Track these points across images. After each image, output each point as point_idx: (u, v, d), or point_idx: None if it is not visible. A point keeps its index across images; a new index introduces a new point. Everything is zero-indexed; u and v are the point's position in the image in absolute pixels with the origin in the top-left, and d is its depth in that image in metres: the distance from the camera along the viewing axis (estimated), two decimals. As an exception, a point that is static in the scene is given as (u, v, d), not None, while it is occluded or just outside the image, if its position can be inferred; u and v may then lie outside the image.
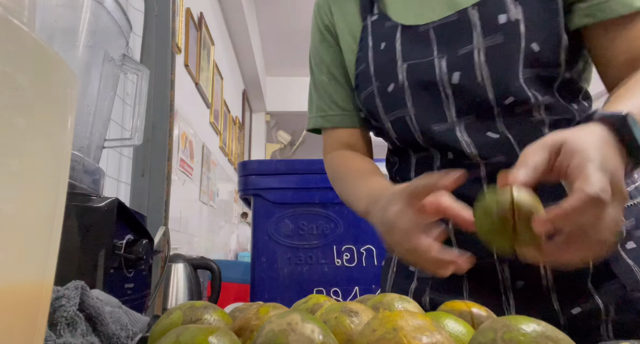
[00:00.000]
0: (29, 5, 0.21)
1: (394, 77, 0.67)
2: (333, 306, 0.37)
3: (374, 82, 0.69)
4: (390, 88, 0.68)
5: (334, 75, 0.79)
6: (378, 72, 0.69)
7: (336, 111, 0.80)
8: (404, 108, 0.67)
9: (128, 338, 0.39)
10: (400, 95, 0.67)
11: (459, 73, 0.63)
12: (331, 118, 0.80)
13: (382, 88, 0.69)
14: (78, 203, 0.63)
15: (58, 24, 0.75)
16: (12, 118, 0.18)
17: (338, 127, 0.80)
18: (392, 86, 0.67)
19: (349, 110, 0.79)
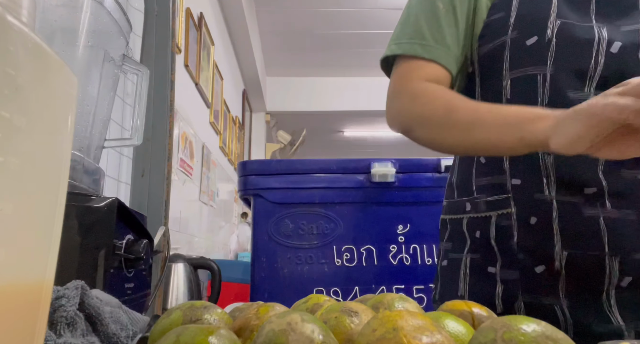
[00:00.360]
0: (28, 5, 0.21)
1: (540, 30, 0.61)
2: (333, 306, 0.37)
3: (510, 33, 0.63)
4: (530, 41, 0.62)
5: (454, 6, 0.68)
6: (520, 21, 0.63)
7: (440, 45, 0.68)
8: (541, 66, 0.61)
9: (128, 338, 0.39)
10: (542, 51, 0.61)
11: (620, 44, 0.59)
12: (434, 51, 0.67)
13: (519, 39, 0.63)
14: (78, 203, 0.63)
15: (58, 24, 0.75)
16: (12, 118, 0.18)
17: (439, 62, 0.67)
18: (533, 39, 0.62)
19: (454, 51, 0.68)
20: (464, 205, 0.69)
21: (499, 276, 0.64)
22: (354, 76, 5.45)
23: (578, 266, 0.60)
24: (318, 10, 4.18)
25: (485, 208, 0.66)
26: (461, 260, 0.69)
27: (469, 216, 0.68)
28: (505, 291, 0.63)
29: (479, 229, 0.67)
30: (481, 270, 0.66)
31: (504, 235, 0.64)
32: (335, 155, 7.37)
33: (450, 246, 0.72)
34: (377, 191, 1.30)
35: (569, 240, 0.60)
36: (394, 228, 1.29)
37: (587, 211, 0.59)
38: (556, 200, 0.60)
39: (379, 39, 4.55)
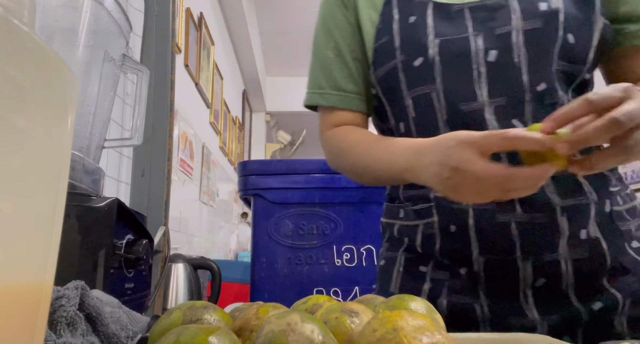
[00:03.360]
0: (29, 5, 0.21)
1: (423, 51, 0.65)
2: (333, 307, 0.37)
3: (398, 56, 0.67)
4: (417, 62, 0.66)
5: (340, 52, 0.75)
6: (404, 46, 0.67)
7: (335, 91, 0.75)
8: (431, 84, 0.65)
9: (128, 338, 0.39)
10: (429, 70, 0.65)
11: (495, 52, 0.62)
12: (329, 97, 0.76)
13: (408, 62, 0.66)
14: (78, 203, 0.63)
15: (58, 24, 0.75)
16: (12, 118, 0.18)
17: (336, 107, 0.76)
18: (419, 60, 0.65)
19: (350, 92, 0.75)
20: (398, 211, 0.74)
21: (429, 275, 0.68)
22: (354, 76, 5.44)
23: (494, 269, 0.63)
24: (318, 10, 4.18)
25: (414, 217, 0.70)
26: (396, 259, 0.73)
27: (400, 223, 0.73)
28: (432, 289, 0.67)
29: (407, 236, 0.71)
30: (413, 268, 0.70)
31: (428, 242, 0.68)
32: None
33: (388, 246, 0.77)
34: (377, 191, 1.30)
35: (484, 246, 0.63)
36: (394, 228, 1.29)
37: (500, 216, 0.62)
38: (472, 208, 0.64)
39: (379, 39, 4.54)
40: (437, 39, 0.65)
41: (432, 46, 0.65)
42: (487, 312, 0.64)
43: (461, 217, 0.64)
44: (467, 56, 0.63)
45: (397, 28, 0.68)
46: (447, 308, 0.65)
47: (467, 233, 0.64)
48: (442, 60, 0.64)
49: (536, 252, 0.61)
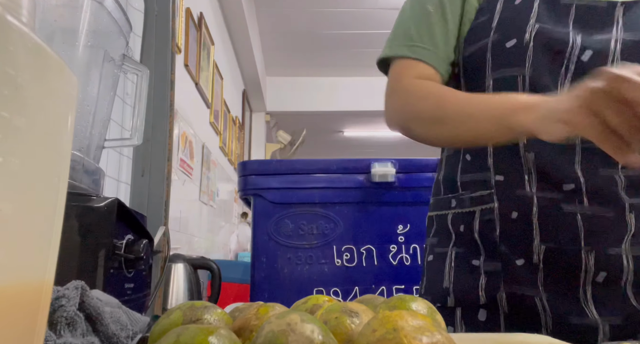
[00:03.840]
0: (28, 5, 0.21)
1: (519, 33, 0.64)
2: (333, 307, 0.37)
3: (492, 35, 0.66)
4: (510, 43, 0.64)
5: (443, 9, 0.70)
6: (501, 25, 0.65)
7: (429, 46, 0.70)
8: (520, 67, 0.64)
9: (128, 338, 0.39)
10: (520, 53, 0.64)
11: (591, 52, 0.62)
12: (420, 51, 0.70)
13: (500, 42, 0.65)
14: (78, 203, 0.63)
15: (58, 24, 0.75)
16: (12, 118, 0.18)
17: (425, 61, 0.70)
18: (513, 42, 0.64)
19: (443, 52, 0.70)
20: (450, 201, 0.72)
21: (482, 268, 0.67)
22: (354, 76, 5.45)
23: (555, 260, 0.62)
24: (318, 10, 4.18)
25: (469, 204, 0.69)
26: (446, 254, 0.71)
27: (453, 212, 0.71)
28: (488, 282, 0.66)
29: (462, 224, 0.69)
30: (466, 262, 0.69)
31: (487, 229, 0.66)
32: (335, 155, 7.36)
33: (436, 241, 0.75)
34: (377, 192, 1.30)
35: (547, 235, 0.62)
36: (394, 228, 1.29)
37: (566, 207, 0.62)
38: (536, 196, 0.63)
39: (379, 39, 4.55)
40: (538, 24, 0.63)
41: (530, 30, 0.63)
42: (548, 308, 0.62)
43: (524, 204, 0.63)
44: (563, 49, 0.62)
45: (500, 7, 0.66)
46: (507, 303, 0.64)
47: (530, 220, 0.63)
48: (535, 46, 0.63)
49: (600, 245, 0.60)
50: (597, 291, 0.61)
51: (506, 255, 0.65)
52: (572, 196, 0.62)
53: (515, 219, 0.64)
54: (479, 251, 0.67)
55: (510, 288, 0.64)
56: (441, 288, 0.70)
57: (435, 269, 0.73)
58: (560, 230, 0.62)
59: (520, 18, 0.65)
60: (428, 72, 0.70)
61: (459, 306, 0.68)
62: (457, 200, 0.70)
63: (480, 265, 0.67)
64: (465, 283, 0.68)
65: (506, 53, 0.65)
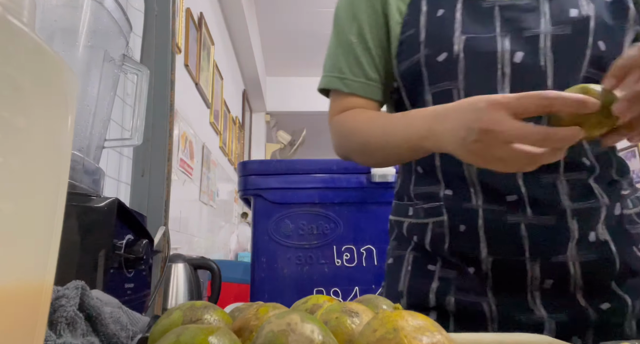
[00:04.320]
0: (28, 5, 0.21)
1: (448, 47, 0.64)
2: (333, 307, 0.37)
3: (422, 50, 0.66)
4: (441, 57, 0.65)
5: (364, 38, 0.72)
6: (429, 39, 0.66)
7: (359, 77, 0.72)
8: (453, 81, 0.64)
9: (128, 338, 0.39)
10: (452, 67, 0.64)
11: (522, 54, 0.62)
12: (350, 84, 0.72)
13: (432, 56, 0.65)
14: (78, 203, 0.63)
15: (58, 24, 0.75)
16: (12, 118, 0.18)
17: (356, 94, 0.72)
18: (443, 55, 0.64)
19: (372, 80, 0.72)
20: (407, 209, 0.73)
21: (437, 273, 0.68)
22: (354, 76, 5.44)
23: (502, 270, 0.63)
24: (318, 10, 4.18)
25: (423, 215, 0.70)
26: (404, 257, 0.73)
27: (409, 220, 0.72)
28: (440, 287, 0.67)
29: (416, 234, 0.71)
30: (421, 267, 0.70)
31: (437, 241, 0.68)
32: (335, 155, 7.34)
33: (395, 245, 0.76)
34: (377, 191, 1.30)
35: (493, 246, 0.63)
36: (394, 228, 1.29)
37: (510, 218, 0.62)
38: (482, 209, 0.64)
39: (379, 39, 4.55)
40: (464, 35, 0.64)
41: (458, 42, 0.64)
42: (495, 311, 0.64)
43: (471, 217, 0.64)
44: (493, 56, 0.63)
45: (424, 21, 0.67)
46: (454, 307, 0.65)
47: (477, 233, 0.64)
48: (466, 57, 0.63)
49: (545, 254, 0.61)
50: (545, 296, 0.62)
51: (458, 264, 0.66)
52: (515, 207, 0.62)
53: (463, 232, 0.65)
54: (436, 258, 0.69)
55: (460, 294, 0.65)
56: (397, 291, 0.71)
57: (393, 272, 0.74)
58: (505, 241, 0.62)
59: (446, 30, 0.65)
60: (361, 103, 0.73)
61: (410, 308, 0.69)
62: (414, 209, 0.72)
63: (435, 271, 0.68)
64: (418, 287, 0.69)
65: (439, 67, 0.65)
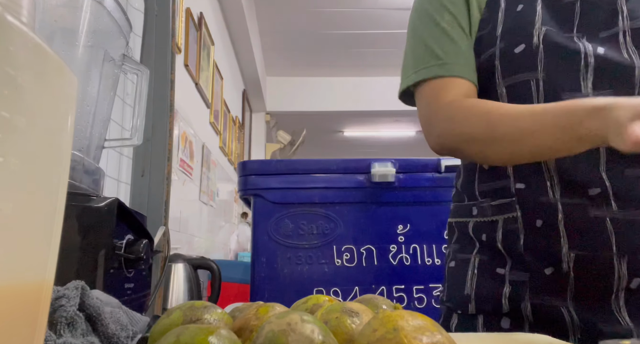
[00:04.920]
0: (28, 5, 0.21)
1: (527, 38, 0.62)
2: (334, 307, 0.37)
3: (498, 43, 0.64)
4: (518, 48, 0.63)
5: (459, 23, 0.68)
6: (506, 33, 0.64)
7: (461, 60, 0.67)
8: (532, 72, 0.62)
9: (128, 338, 0.39)
10: (531, 57, 0.62)
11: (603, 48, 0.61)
12: (453, 67, 0.67)
13: (508, 48, 0.64)
14: (78, 203, 0.63)
15: (58, 24, 0.75)
16: (12, 118, 0.18)
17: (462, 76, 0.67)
18: (521, 47, 0.63)
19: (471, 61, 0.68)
20: (470, 208, 0.70)
21: (507, 277, 0.65)
22: (354, 76, 5.45)
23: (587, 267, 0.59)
24: (318, 10, 4.18)
25: (491, 213, 0.66)
26: (469, 261, 0.69)
27: (475, 220, 0.69)
28: (513, 291, 0.63)
29: (485, 233, 0.67)
30: (490, 270, 0.67)
31: (511, 239, 0.64)
32: (335, 155, 7.36)
33: (458, 248, 0.73)
34: (377, 191, 1.30)
35: (576, 241, 0.60)
36: (394, 228, 1.29)
37: (593, 212, 0.59)
38: (561, 203, 0.60)
39: (379, 39, 4.55)
40: (544, 27, 0.62)
41: (537, 34, 0.62)
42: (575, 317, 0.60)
43: (548, 211, 0.61)
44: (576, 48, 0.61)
45: (502, 16, 0.65)
46: (531, 312, 0.62)
47: (556, 228, 0.60)
48: (546, 48, 0.61)
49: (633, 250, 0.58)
50: (631, 297, 0.59)
51: (533, 264, 0.62)
52: (599, 201, 0.59)
53: (540, 227, 0.62)
54: (505, 260, 0.65)
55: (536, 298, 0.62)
56: (462, 294, 0.68)
57: (457, 275, 0.71)
58: (589, 236, 0.59)
59: (525, 23, 0.63)
60: (466, 86, 0.67)
61: (480, 313, 0.67)
62: (478, 207, 0.68)
63: (505, 274, 0.65)
64: (488, 291, 0.66)
65: (515, 59, 0.63)
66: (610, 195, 0.59)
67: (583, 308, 0.60)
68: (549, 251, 0.61)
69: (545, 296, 0.62)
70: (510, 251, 0.65)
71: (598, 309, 0.60)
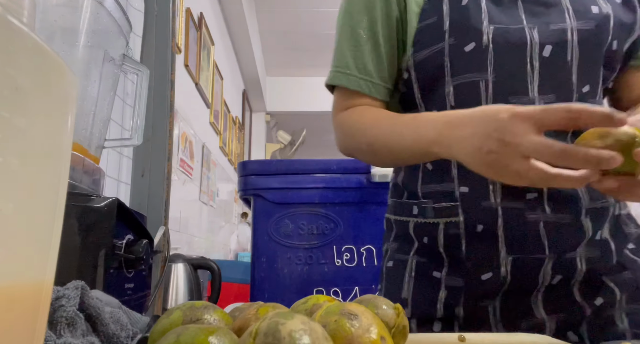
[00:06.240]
0: (28, 5, 0.21)
1: (476, 37, 0.62)
2: (332, 308, 0.37)
3: (447, 39, 0.63)
4: (468, 47, 0.62)
5: (374, 33, 0.69)
6: (455, 28, 0.63)
7: (362, 75, 0.69)
8: (482, 73, 0.62)
9: (128, 338, 0.39)
10: (481, 57, 0.62)
11: (550, 47, 0.61)
12: (354, 81, 0.70)
13: (458, 46, 0.63)
14: (78, 203, 0.63)
15: (58, 24, 0.75)
16: (12, 118, 0.18)
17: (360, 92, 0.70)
18: (471, 45, 0.62)
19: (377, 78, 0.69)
20: (411, 208, 0.70)
21: (444, 281, 0.65)
22: (354, 76, 5.44)
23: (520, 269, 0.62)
24: (318, 10, 4.18)
25: (433, 215, 0.66)
26: (407, 262, 0.69)
27: (416, 220, 0.69)
28: (448, 296, 0.65)
29: (426, 235, 0.67)
30: (426, 273, 0.67)
31: (452, 244, 0.65)
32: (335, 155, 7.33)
33: (396, 246, 0.73)
34: (377, 192, 1.30)
35: (513, 246, 0.62)
36: (394, 228, 1.29)
37: (529, 216, 0.61)
38: (501, 207, 0.62)
39: (379, 39, 4.54)
40: (492, 25, 0.62)
41: (487, 32, 0.62)
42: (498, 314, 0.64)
43: (489, 216, 0.62)
44: (523, 48, 0.61)
45: (447, 9, 0.64)
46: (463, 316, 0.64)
47: (495, 232, 0.62)
48: (495, 48, 0.61)
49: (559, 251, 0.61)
50: (549, 293, 0.63)
51: (472, 270, 0.64)
52: (535, 205, 0.61)
53: (480, 232, 0.63)
54: (442, 263, 0.66)
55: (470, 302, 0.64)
56: (399, 298, 0.69)
57: (394, 276, 0.71)
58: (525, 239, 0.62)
59: (472, 20, 0.62)
60: (366, 101, 0.70)
61: (414, 317, 0.67)
62: (420, 207, 0.68)
63: (441, 278, 0.66)
64: (424, 296, 0.66)
65: (466, 57, 0.63)
66: (545, 199, 0.61)
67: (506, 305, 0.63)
68: (489, 257, 0.63)
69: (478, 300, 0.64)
70: (450, 256, 0.65)
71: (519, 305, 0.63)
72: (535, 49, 0.61)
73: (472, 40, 0.62)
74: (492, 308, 0.64)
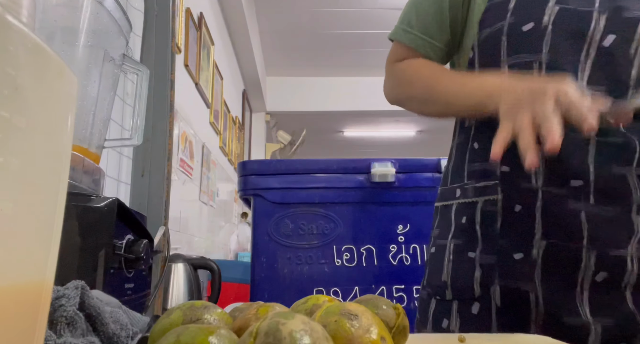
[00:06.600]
0: (28, 5, 0.21)
1: (536, 16, 0.61)
2: (332, 309, 0.37)
3: (508, 18, 0.63)
4: (526, 27, 0.61)
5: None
6: (519, 7, 0.62)
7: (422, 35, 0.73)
8: (536, 53, 0.61)
9: (128, 337, 0.39)
10: (537, 38, 0.61)
11: (614, 37, 0.58)
12: (413, 39, 0.74)
13: (516, 25, 0.62)
14: (78, 203, 0.63)
15: (58, 24, 0.75)
16: (12, 118, 0.18)
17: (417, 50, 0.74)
18: (530, 25, 0.61)
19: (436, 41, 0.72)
20: (455, 191, 0.71)
21: (477, 260, 0.66)
22: (354, 76, 5.45)
23: (554, 256, 0.61)
24: (318, 10, 4.18)
25: (473, 194, 0.67)
26: (445, 246, 0.70)
27: (457, 202, 0.70)
28: (483, 275, 0.65)
29: (465, 215, 0.68)
30: (462, 254, 0.68)
31: (488, 221, 0.65)
32: (335, 155, 7.36)
33: (438, 233, 0.74)
34: (377, 191, 1.30)
35: (549, 230, 0.61)
36: (394, 228, 1.29)
37: (571, 203, 0.60)
38: (542, 190, 0.61)
39: (379, 39, 4.55)
40: (558, 6, 0.60)
41: (549, 12, 0.60)
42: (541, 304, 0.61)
43: (528, 197, 0.62)
44: (583, 33, 0.59)
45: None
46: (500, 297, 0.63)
47: (533, 214, 0.61)
48: (554, 30, 0.60)
49: (603, 245, 0.59)
50: (594, 291, 0.60)
51: (504, 248, 0.63)
52: (578, 194, 0.59)
53: (518, 212, 0.62)
54: (476, 243, 0.66)
55: (505, 281, 0.63)
56: (440, 281, 0.69)
57: (436, 261, 0.72)
58: (563, 226, 0.60)
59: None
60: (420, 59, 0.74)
61: (455, 299, 0.67)
62: (462, 189, 0.69)
63: (475, 258, 0.66)
64: (462, 276, 0.67)
65: (522, 37, 0.62)
66: (590, 190, 0.59)
67: (549, 295, 0.61)
68: (522, 237, 0.62)
69: (514, 280, 0.63)
70: (485, 233, 0.65)
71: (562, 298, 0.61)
72: (596, 36, 0.59)
73: (531, 19, 0.62)
74: (534, 295, 0.61)
